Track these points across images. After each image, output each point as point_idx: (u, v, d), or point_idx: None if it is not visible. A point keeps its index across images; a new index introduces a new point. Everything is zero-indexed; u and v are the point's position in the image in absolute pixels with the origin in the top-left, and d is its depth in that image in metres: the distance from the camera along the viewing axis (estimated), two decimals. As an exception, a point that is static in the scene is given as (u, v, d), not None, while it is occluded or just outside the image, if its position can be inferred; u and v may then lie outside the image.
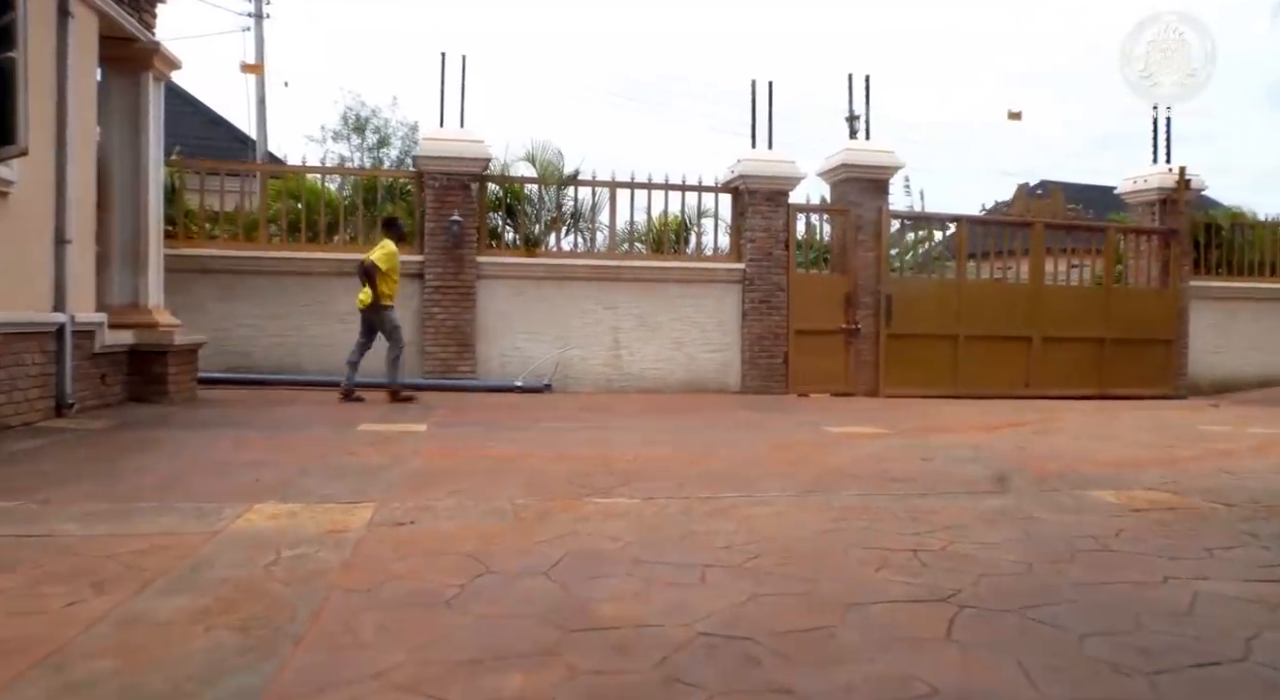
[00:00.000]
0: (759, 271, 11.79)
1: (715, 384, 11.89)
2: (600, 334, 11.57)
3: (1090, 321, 12.94)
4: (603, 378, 11.56)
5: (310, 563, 2.92)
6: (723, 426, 7.63)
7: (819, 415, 8.78)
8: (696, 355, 11.84)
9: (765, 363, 11.83)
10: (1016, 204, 12.67)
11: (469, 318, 11.08)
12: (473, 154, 10.98)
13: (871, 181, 12.17)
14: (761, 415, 8.79)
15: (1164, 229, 13.27)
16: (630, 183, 11.67)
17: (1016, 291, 12.76)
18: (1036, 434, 7.32)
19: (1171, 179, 13.25)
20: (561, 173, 11.75)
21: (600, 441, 6.29)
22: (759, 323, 11.81)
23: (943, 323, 12.32)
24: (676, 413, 8.87)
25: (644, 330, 11.67)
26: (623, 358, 11.63)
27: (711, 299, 11.89)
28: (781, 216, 11.88)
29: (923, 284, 12.68)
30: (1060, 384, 12.71)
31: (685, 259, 12.06)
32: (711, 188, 12.03)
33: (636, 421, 7.82)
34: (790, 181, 11.88)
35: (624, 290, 11.63)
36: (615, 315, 11.62)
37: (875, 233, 12.14)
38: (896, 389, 12.02)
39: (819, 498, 4.17)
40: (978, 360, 12.41)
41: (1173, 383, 13.26)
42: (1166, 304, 13.27)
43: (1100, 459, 5.75)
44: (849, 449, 6.11)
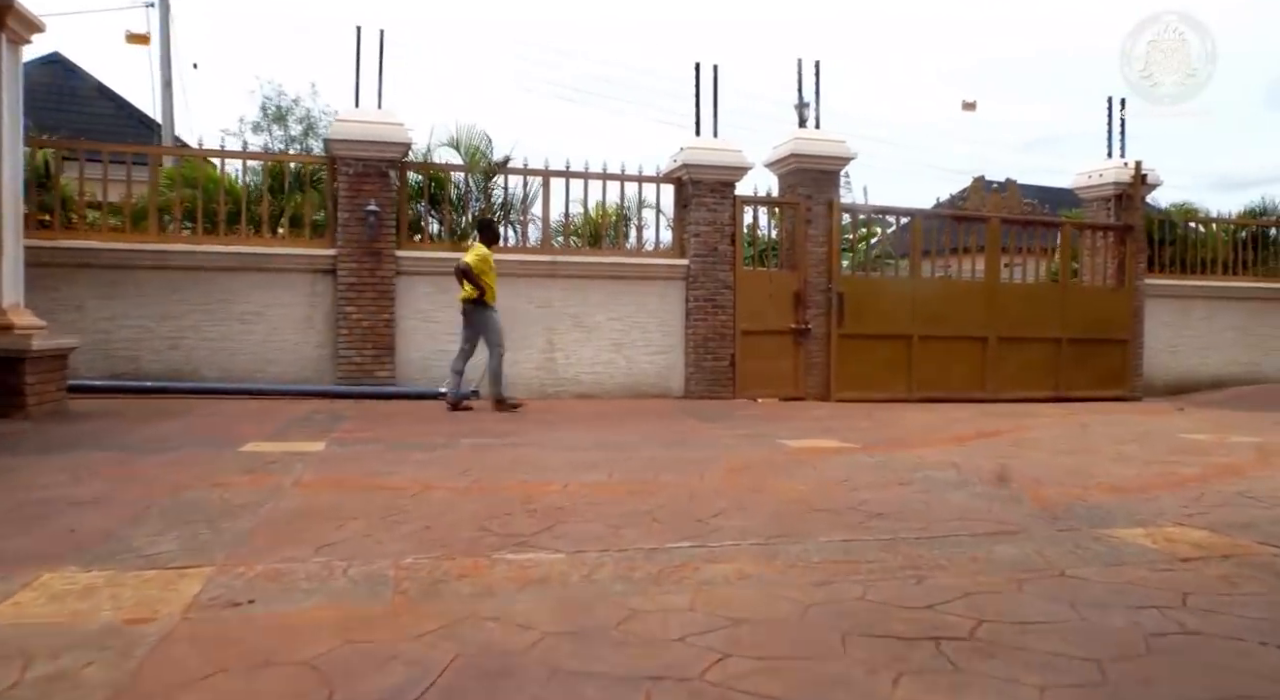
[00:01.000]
0: (703, 268, 10.96)
1: (657, 388, 11.03)
2: (532, 335, 10.61)
3: (1046, 321, 12.38)
4: (536, 382, 10.61)
5: (64, 689, 1.95)
6: (667, 440, 6.75)
7: (772, 425, 7.96)
8: (637, 358, 10.96)
9: (711, 365, 11.00)
10: (972, 198, 12.06)
11: (387, 318, 10.04)
12: (391, 137, 9.94)
13: (822, 173, 11.42)
14: (709, 425, 7.94)
15: (1120, 225, 12.77)
16: (565, 171, 10.74)
17: (972, 290, 12.14)
18: (1013, 447, 6.59)
19: (1127, 174, 12.76)
20: (490, 160, 10.76)
21: (525, 463, 5.36)
22: (704, 323, 10.98)
23: (896, 322, 11.63)
24: (615, 423, 7.97)
25: (580, 331, 10.75)
26: (557, 361, 10.70)
27: (653, 297, 11.03)
28: (727, 209, 11.06)
29: (876, 282, 11.97)
30: (1017, 386, 12.12)
31: (625, 254, 11.17)
32: (653, 178, 11.16)
33: (570, 434, 6.90)
34: (737, 172, 11.06)
35: (558, 288, 10.69)
36: (549, 315, 10.68)
37: (826, 227, 11.39)
38: (849, 392, 11.30)
39: (792, 547, 3.30)
40: (932, 362, 11.75)
41: (1129, 383, 12.77)
42: (1122, 302, 12.77)
43: (1098, 480, 5.00)
44: (813, 470, 5.27)
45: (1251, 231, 14.24)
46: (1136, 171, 12.65)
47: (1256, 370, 13.90)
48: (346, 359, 9.89)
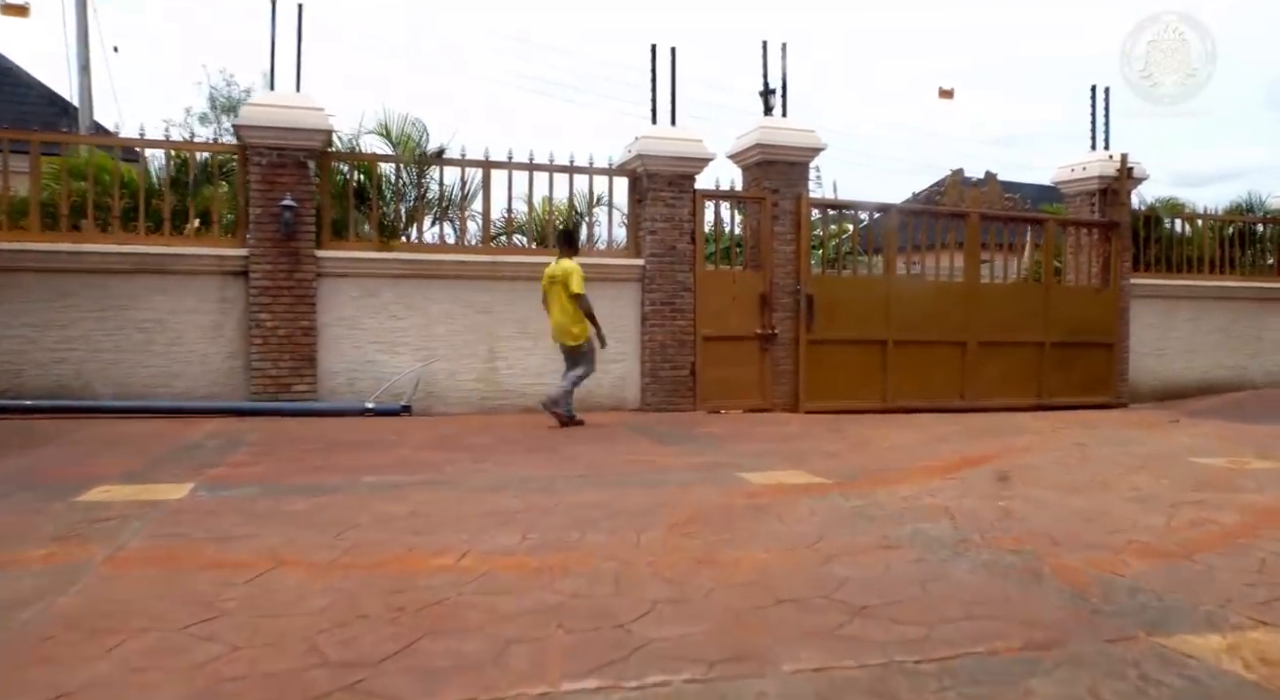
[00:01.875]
0: (661, 268, 9.94)
1: (611, 400, 10.00)
2: (472, 343, 9.55)
3: (1028, 323, 11.50)
4: (476, 395, 9.54)
5: None
6: (608, 474, 5.73)
7: (733, 447, 6.96)
8: (589, 367, 9.90)
9: (669, 374, 9.99)
10: (950, 192, 11.15)
11: (307, 325, 8.93)
12: (309, 124, 8.82)
13: (789, 165, 10.44)
14: (662, 449, 6.92)
15: (1105, 221, 11.92)
16: (507, 163, 9.66)
17: (950, 291, 11.22)
18: (1008, 482, 5.63)
19: (1112, 167, 11.91)
20: (424, 149, 9.66)
21: (424, 518, 4.30)
22: (661, 328, 9.97)
23: (870, 326, 10.70)
24: (556, 447, 6.92)
25: (526, 338, 9.70)
26: (500, 371, 9.64)
27: (606, 301, 9.95)
28: (686, 204, 10.05)
29: (848, 282, 11.02)
30: (998, 393, 11.24)
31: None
32: (605, 170, 10.12)
33: (494, 468, 5.85)
34: (697, 163, 10.05)
35: (501, 290, 9.63)
36: (490, 320, 9.61)
37: (794, 223, 10.41)
38: (819, 402, 10.35)
39: (750, 687, 2.29)
40: (908, 368, 10.83)
41: (1114, 389, 11.94)
42: (1107, 303, 11.93)
43: (1126, 536, 4.04)
44: (778, 523, 4.27)
45: (1239, 228, 13.48)
46: (1122, 165, 11.80)
47: (1243, 374, 13.14)
48: (260, 371, 8.77)
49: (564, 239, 8.54)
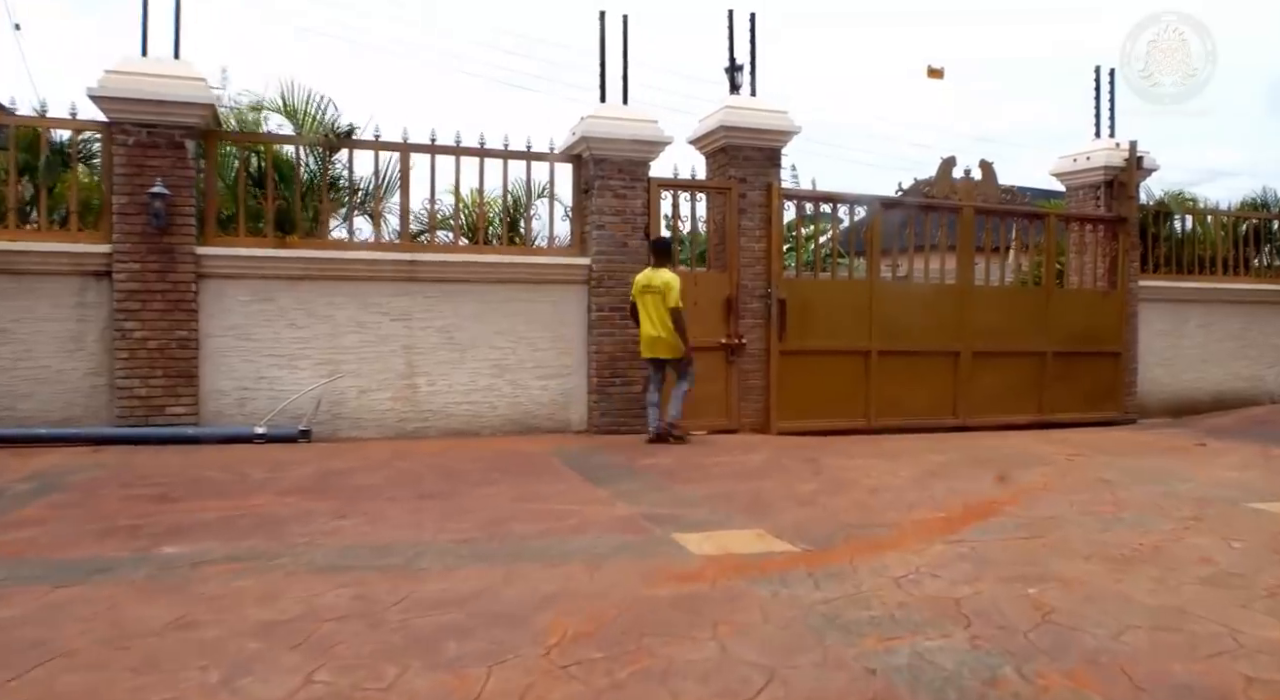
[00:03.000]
0: (610, 268, 8.51)
1: (553, 422, 8.56)
2: (388, 356, 8.08)
3: (1028, 331, 10.14)
4: (392, 417, 8.08)
5: None
6: (498, 541, 4.28)
7: (679, 491, 5.52)
8: (526, 383, 8.48)
9: (620, 392, 8.56)
10: (940, 183, 9.76)
11: (185, 336, 7.44)
12: (188, 96, 7.34)
13: (758, 150, 9.03)
14: (589, 493, 5.48)
15: (1112, 217, 10.57)
16: (430, 146, 8.21)
17: (941, 295, 9.84)
18: (1032, 548, 4.22)
19: (1120, 156, 10.57)
20: (332, 129, 8.18)
21: (174, 641, 2.85)
22: (611, 338, 8.53)
23: (850, 335, 9.31)
24: (453, 491, 5.47)
25: (451, 350, 8.24)
26: (421, 389, 8.17)
27: (547, 306, 8.55)
28: (640, 195, 8.62)
29: (825, 285, 9.61)
30: (994, 409, 9.87)
31: (510, 251, 8.67)
32: (544, 155, 8.67)
33: (355, 528, 4.39)
34: (651, 147, 8.63)
35: (423, 295, 8.17)
36: (410, 330, 8.15)
37: (764, 217, 9.01)
38: (793, 422, 8.95)
39: None
40: (894, 382, 9.44)
41: (1121, 403, 10.59)
42: (1114, 308, 10.58)
43: (1238, 669, 2.64)
44: (710, 644, 2.83)
45: (1254, 225, 12.17)
46: (1131, 153, 10.46)
47: (1260, 385, 11.84)
48: (127, 391, 7.28)
49: (659, 248, 7.95)
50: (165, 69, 7.35)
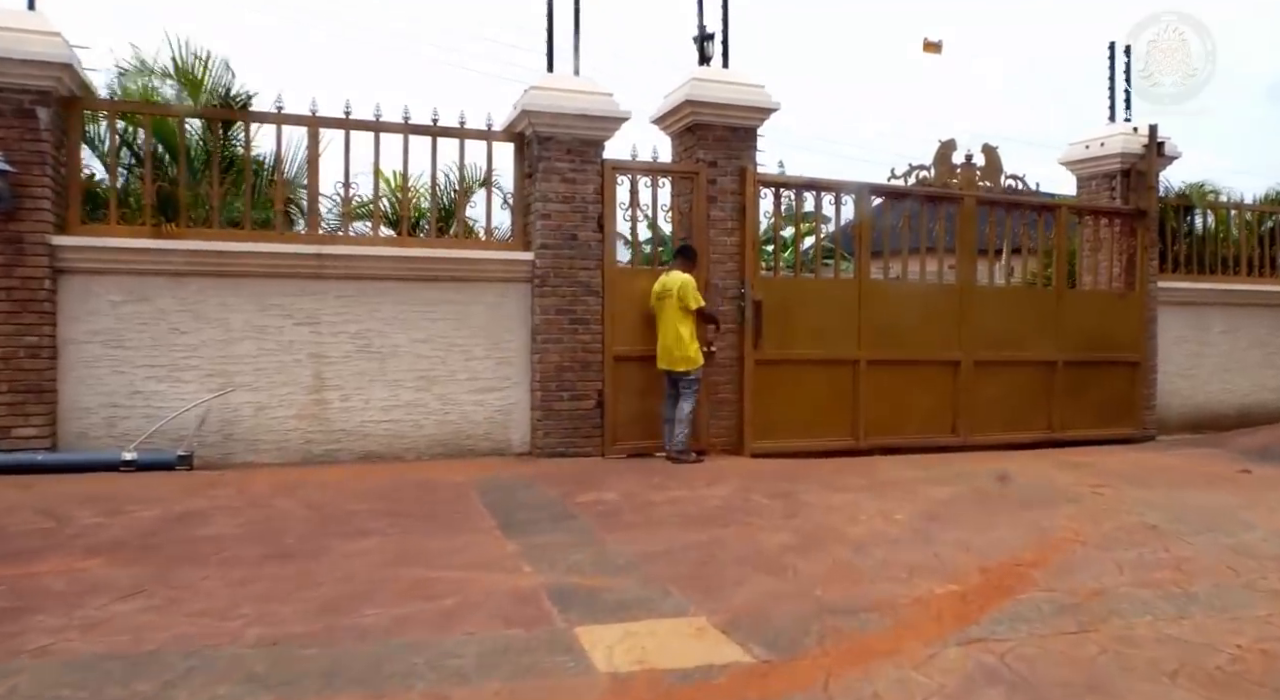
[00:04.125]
0: (556, 264, 7.24)
1: (490, 443, 7.29)
2: (291, 366, 6.79)
3: (1037, 337, 8.90)
4: (297, 438, 6.79)
5: None
6: (348, 632, 3.01)
7: (607, 551, 4.23)
8: (458, 397, 7.20)
9: (569, 407, 7.29)
10: (939, 171, 8.51)
11: (38, 342, 6.15)
12: (39, 53, 6.04)
13: (731, 130, 7.77)
14: (495, 550, 4.20)
15: (1130, 210, 9.34)
16: (344, 120, 6.93)
17: (939, 296, 8.59)
18: (1081, 646, 2.96)
19: (1138, 142, 9.34)
20: (226, 98, 6.88)
21: None
22: (557, 345, 7.26)
23: (836, 341, 8.05)
24: (332, 547, 4.18)
25: (368, 359, 6.96)
26: (332, 405, 6.88)
27: (481, 308, 7.28)
28: (592, 179, 7.36)
29: (807, 285, 8.34)
30: (998, 426, 8.63)
31: (439, 244, 7.38)
32: (481, 133, 7.39)
33: (173, 610, 3.10)
34: (605, 125, 7.36)
35: (334, 294, 6.89)
36: (318, 335, 6.86)
37: (737, 206, 7.75)
38: (770, 441, 7.70)
39: None
40: (887, 395, 8.18)
41: (1140, 419, 9.35)
42: (1131, 312, 9.35)
43: None
44: None
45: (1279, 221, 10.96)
46: (1151, 139, 9.24)
47: (1289, 397, 10.61)
48: (-36, 409, 5.98)
49: (682, 252, 7.31)
50: (9, 20, 6.05)
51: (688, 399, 7.06)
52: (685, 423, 7.03)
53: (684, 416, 7.02)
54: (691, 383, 7.06)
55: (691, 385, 7.06)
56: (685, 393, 7.06)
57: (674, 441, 7.04)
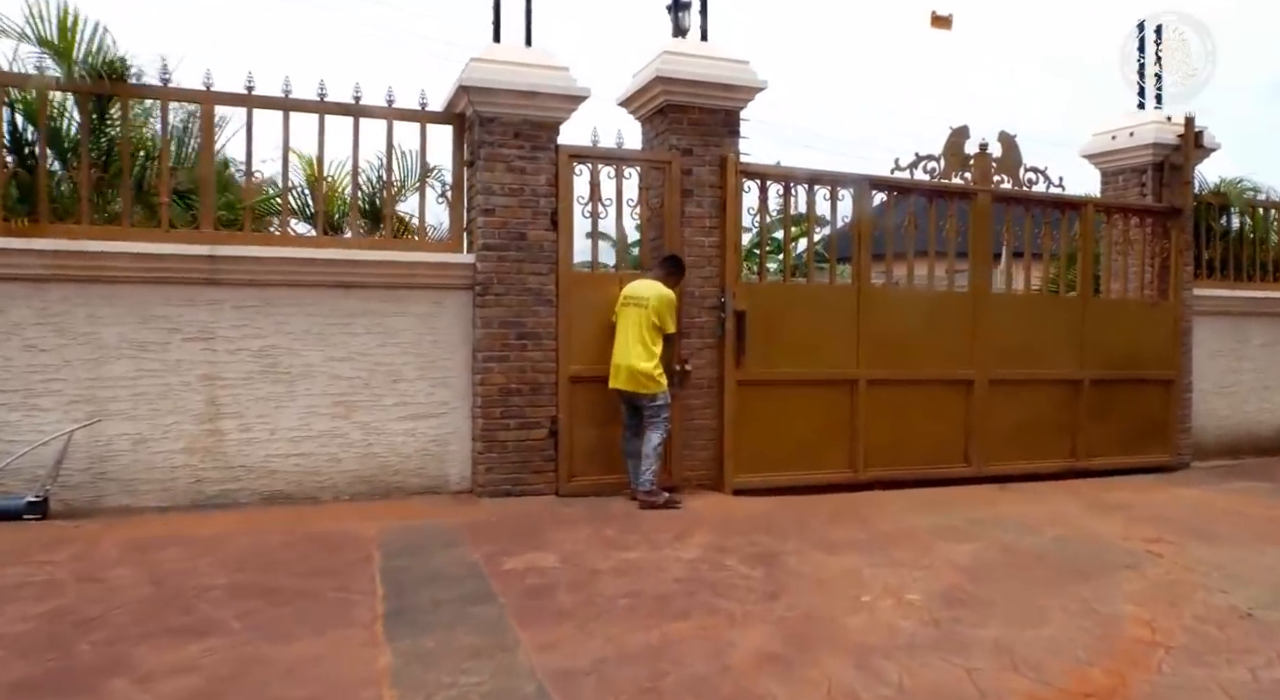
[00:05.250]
0: (502, 268, 6.08)
1: (423, 479, 6.11)
2: (179, 391, 5.61)
3: (1060, 351, 7.75)
4: (185, 477, 5.61)
5: None
6: None
7: (509, 670, 3.07)
8: (384, 427, 6.02)
9: (516, 437, 6.11)
10: (949, 161, 7.36)
11: None
12: None
13: (710, 112, 6.60)
14: (365, 664, 3.03)
15: (1163, 208, 8.19)
16: (245, 96, 5.75)
17: (950, 305, 7.43)
18: None
19: (1173, 131, 8.20)
20: (100, 69, 5.67)
21: None
22: (503, 363, 6.09)
23: (832, 358, 6.90)
24: (131, 660, 3.01)
25: (274, 381, 5.79)
26: (229, 436, 5.70)
27: (414, 320, 6.11)
28: (545, 168, 6.19)
29: (798, 293, 7.16)
30: (1016, 453, 7.48)
31: (361, 245, 6.18)
32: (413, 113, 6.22)
33: None
34: (561, 104, 6.19)
35: (232, 304, 5.72)
36: (213, 354, 5.68)
37: (717, 202, 6.59)
38: (755, 475, 6.54)
39: None
40: (890, 419, 7.02)
41: (1174, 444, 8.19)
42: (1164, 323, 8.19)
43: None
44: None
45: (1322, 221, 9.80)
46: (1188, 128, 8.09)
47: (1333, 417, 9.45)
48: None
49: (668, 262, 6.21)
50: None
51: (656, 429, 5.89)
52: (653, 458, 5.86)
53: (651, 450, 5.86)
54: (658, 409, 5.90)
55: (659, 413, 5.90)
56: (653, 422, 5.90)
57: (640, 480, 5.86)
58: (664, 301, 5.88)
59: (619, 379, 5.92)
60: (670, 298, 5.94)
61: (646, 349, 5.83)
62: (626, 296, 6.00)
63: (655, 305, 5.86)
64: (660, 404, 5.90)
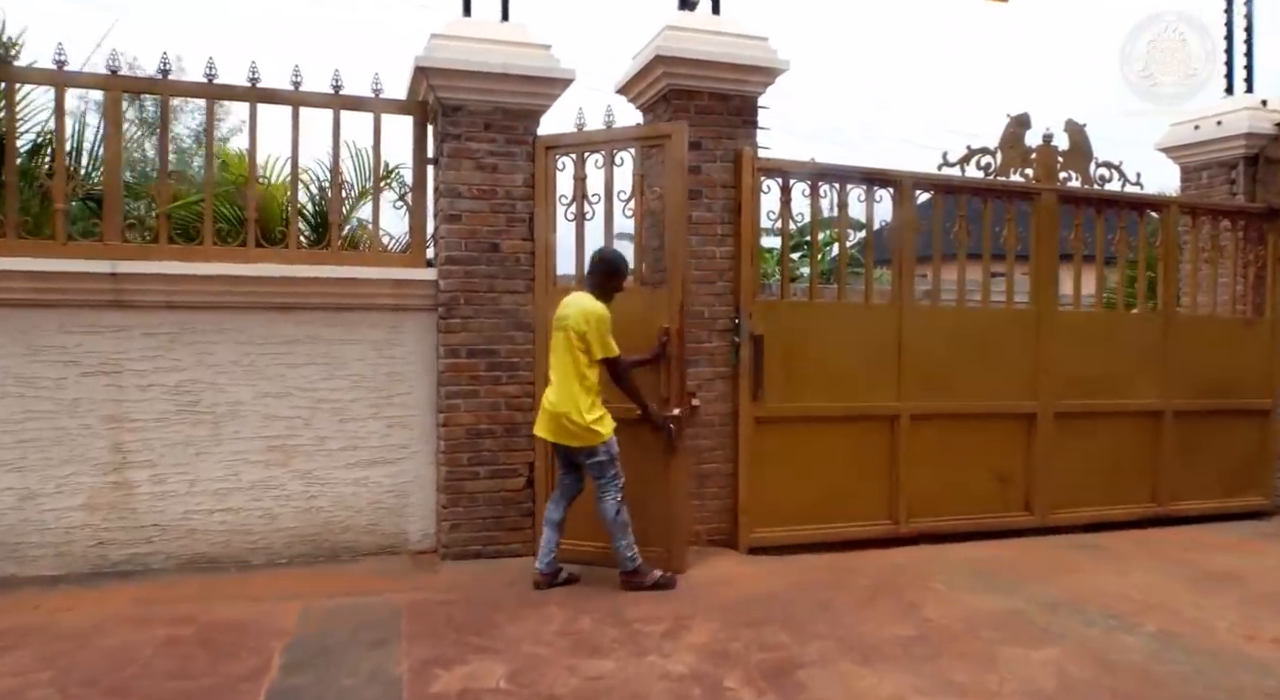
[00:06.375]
0: (470, 286, 5.04)
1: (376, 537, 5.09)
2: (77, 435, 4.64)
3: (1137, 377, 6.55)
4: (85, 539, 4.64)
5: None
6: None
7: None
8: (329, 475, 5.01)
9: (487, 488, 5.07)
10: (1007, 154, 6.20)
11: None
12: None
13: (722, 97, 5.50)
14: None
15: (1260, 209, 6.95)
16: (160, 81, 4.78)
17: (1008, 324, 6.26)
18: None
19: (1269, 119, 6.97)
20: None
21: None
22: (473, 399, 5.05)
23: (868, 389, 5.77)
24: None
25: (195, 423, 4.80)
26: (139, 489, 4.72)
27: (365, 349, 5.09)
28: (522, 165, 5.14)
29: (826, 313, 6.02)
30: (1086, 497, 6.32)
31: (300, 259, 5.13)
32: (364, 101, 5.19)
33: None
34: (541, 88, 5.14)
35: (143, 330, 4.74)
36: (119, 391, 4.70)
37: (731, 204, 5.50)
38: (775, 529, 5.46)
39: None
40: (936, 461, 5.88)
41: (1269, 484, 6.95)
42: (1259, 343, 6.95)
43: None
44: None
45: None
46: (1289, 114, 6.85)
47: None
48: None
49: (600, 266, 4.72)
50: None
51: (606, 493, 4.52)
52: (620, 528, 4.53)
53: (613, 521, 4.52)
54: (601, 467, 4.49)
55: (603, 471, 4.50)
56: (599, 485, 4.53)
57: (620, 560, 4.56)
58: (588, 318, 4.41)
59: (542, 425, 4.57)
60: (598, 312, 4.44)
61: (574, 386, 4.41)
62: (556, 319, 4.62)
63: (576, 325, 4.41)
64: (602, 460, 4.47)
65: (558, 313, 4.59)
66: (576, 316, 4.42)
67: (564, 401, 4.41)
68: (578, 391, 4.39)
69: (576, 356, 4.41)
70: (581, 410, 4.38)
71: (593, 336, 4.40)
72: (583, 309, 4.45)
